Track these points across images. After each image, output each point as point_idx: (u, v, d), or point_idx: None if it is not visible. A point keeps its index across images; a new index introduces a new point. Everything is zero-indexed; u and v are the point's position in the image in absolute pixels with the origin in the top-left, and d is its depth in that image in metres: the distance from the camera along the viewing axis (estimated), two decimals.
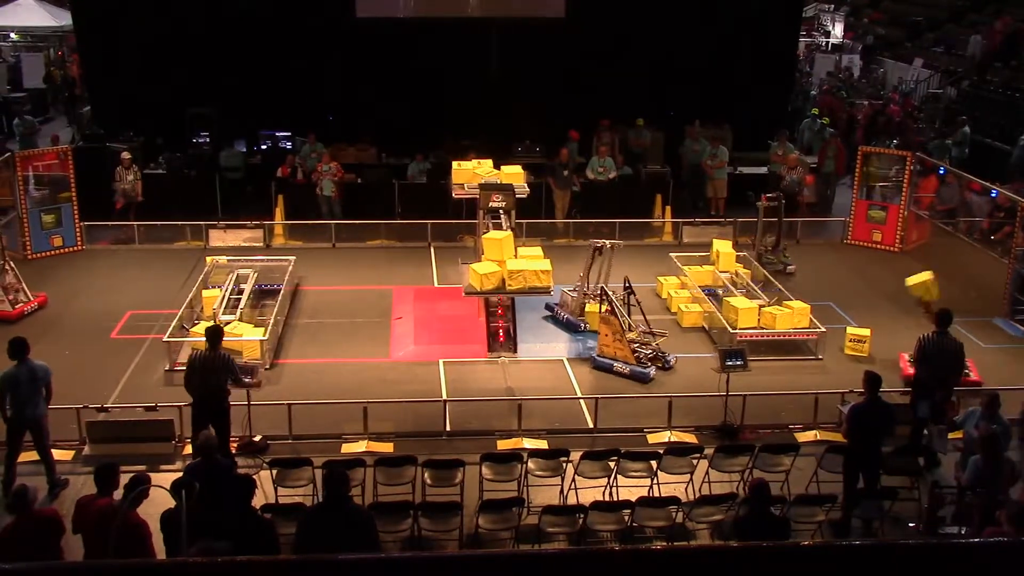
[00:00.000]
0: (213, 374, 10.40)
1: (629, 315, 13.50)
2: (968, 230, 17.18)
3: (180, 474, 8.67)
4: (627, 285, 13.53)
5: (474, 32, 20.90)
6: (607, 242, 14.15)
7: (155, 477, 7.96)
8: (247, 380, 10.93)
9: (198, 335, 13.09)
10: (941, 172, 17.95)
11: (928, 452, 10.41)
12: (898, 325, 14.36)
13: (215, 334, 10.71)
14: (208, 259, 15.53)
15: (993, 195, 16.76)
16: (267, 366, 12.89)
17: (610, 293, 13.00)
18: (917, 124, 24.42)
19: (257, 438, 11.05)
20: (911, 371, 11.74)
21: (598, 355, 13.09)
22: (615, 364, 12.81)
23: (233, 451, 10.75)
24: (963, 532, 8.76)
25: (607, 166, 19.43)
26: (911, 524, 9.65)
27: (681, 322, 14.20)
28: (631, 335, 13.14)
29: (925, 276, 14.52)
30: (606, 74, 20.66)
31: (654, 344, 13.23)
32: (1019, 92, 23.64)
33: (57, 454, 10.53)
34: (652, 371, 12.66)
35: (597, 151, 19.72)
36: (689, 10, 20.93)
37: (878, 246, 18.07)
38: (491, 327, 13.38)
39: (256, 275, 15.05)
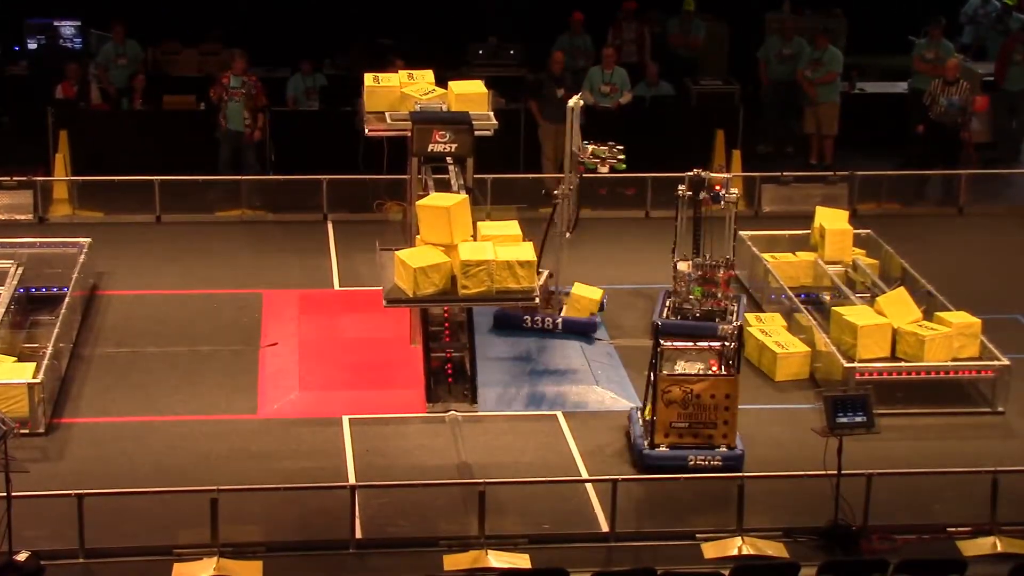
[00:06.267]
0: None
1: None
2: None
3: None
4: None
5: None
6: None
7: None
8: None
9: None
10: None
11: None
12: None
13: None
14: None
15: None
16: (40, 428, 12.82)
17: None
18: None
19: (22, 556, 10.93)
20: None
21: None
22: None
23: None
24: None
25: (616, 82, 19.47)
26: None
27: (774, 376, 14.19)
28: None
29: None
30: None
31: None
32: None
33: None
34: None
35: (602, 56, 19.81)
36: None
37: None
38: (432, 360, 13.37)
39: (21, 271, 14.94)
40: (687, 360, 12.66)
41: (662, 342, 12.47)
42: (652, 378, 12.41)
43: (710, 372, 12.50)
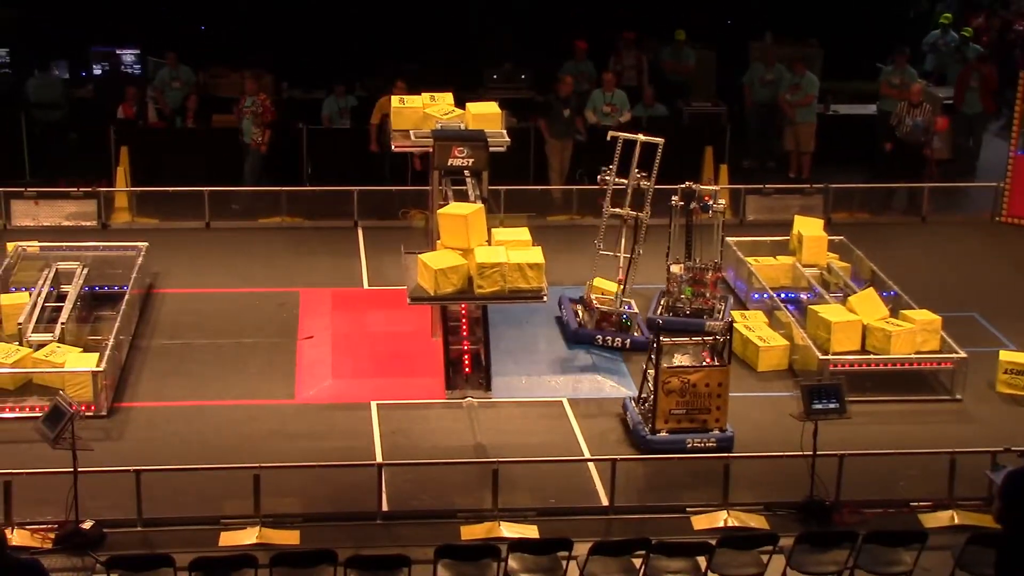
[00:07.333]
0: None
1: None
2: None
3: None
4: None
5: None
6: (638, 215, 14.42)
7: None
8: (46, 431, 10.74)
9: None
10: None
11: None
12: None
13: None
14: (9, 245, 15.49)
15: None
16: (103, 411, 12.89)
17: None
18: None
19: (87, 524, 10.99)
20: None
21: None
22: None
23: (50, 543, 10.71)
24: None
25: (617, 103, 19.48)
26: None
27: (756, 366, 14.21)
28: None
29: None
30: None
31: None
32: None
33: None
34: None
35: (603, 80, 19.83)
36: None
37: None
38: (451, 352, 13.40)
39: (86, 271, 15.03)
40: (682, 353, 12.68)
41: (662, 338, 12.48)
42: (654, 369, 12.39)
43: (704, 364, 12.52)
